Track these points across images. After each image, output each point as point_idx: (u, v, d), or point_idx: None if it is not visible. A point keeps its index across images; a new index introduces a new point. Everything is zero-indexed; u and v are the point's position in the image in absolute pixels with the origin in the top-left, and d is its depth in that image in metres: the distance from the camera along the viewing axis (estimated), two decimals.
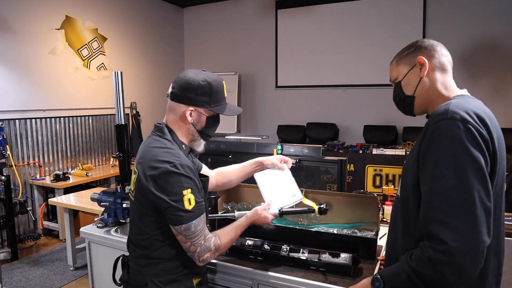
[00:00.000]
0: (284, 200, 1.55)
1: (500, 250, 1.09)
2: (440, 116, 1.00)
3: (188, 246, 1.25)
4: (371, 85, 5.44)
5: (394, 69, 1.23)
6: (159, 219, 1.27)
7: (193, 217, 1.22)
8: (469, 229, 0.91)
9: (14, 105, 4.16)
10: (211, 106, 1.32)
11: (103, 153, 5.31)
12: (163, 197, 1.20)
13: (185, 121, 1.32)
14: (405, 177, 1.12)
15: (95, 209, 3.01)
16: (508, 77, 4.79)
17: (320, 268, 1.49)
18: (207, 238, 1.27)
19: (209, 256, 1.28)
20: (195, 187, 1.24)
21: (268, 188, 1.60)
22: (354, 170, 4.66)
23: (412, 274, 0.98)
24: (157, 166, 1.21)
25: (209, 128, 1.38)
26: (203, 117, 1.34)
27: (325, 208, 1.49)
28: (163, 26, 6.48)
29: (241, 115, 6.53)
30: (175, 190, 1.20)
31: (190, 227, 1.22)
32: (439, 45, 1.17)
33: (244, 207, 1.91)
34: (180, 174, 1.21)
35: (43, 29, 4.44)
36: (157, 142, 1.30)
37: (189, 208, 1.21)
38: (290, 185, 1.59)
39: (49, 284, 3.27)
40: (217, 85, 1.33)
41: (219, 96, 1.34)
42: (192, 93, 1.29)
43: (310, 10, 5.82)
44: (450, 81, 1.16)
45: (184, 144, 1.36)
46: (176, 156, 1.25)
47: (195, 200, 1.22)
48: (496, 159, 0.99)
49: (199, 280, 1.40)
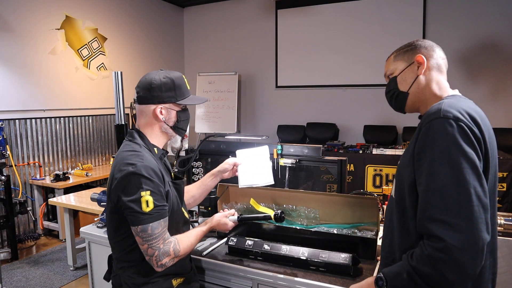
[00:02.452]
0: (255, 180, 1.67)
1: (495, 248, 1.10)
2: (433, 115, 1.01)
3: (145, 248, 1.23)
4: (371, 85, 5.44)
5: (391, 63, 1.24)
6: (127, 221, 1.27)
7: (151, 220, 1.21)
8: (467, 226, 0.92)
9: (14, 105, 4.16)
10: (178, 100, 1.36)
11: (103, 153, 5.31)
12: (122, 197, 1.22)
13: (158, 119, 1.36)
14: (399, 177, 1.13)
15: (95, 209, 3.01)
16: (508, 77, 4.79)
17: (320, 268, 1.49)
18: (166, 242, 1.25)
19: (168, 261, 1.25)
20: (156, 190, 1.24)
21: (245, 166, 1.73)
22: (354, 170, 4.66)
23: (413, 273, 0.98)
24: (122, 168, 1.24)
25: (181, 122, 1.40)
26: (173, 112, 1.37)
27: (280, 215, 1.52)
28: (163, 26, 6.48)
29: (241, 115, 6.54)
30: (133, 191, 1.21)
31: (146, 229, 1.21)
32: (438, 47, 1.19)
33: (244, 207, 1.91)
34: (140, 175, 1.22)
35: (43, 29, 4.44)
36: (127, 146, 1.33)
37: (146, 210, 1.20)
38: (265, 168, 1.71)
39: (49, 284, 3.27)
40: (179, 79, 1.38)
41: (183, 89, 1.38)
42: (157, 91, 1.33)
43: (310, 10, 5.82)
44: (445, 82, 1.18)
45: (156, 147, 1.38)
46: (140, 158, 1.26)
47: (154, 203, 1.22)
48: (488, 158, 1.00)
49: (181, 280, 1.39)
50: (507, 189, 3.94)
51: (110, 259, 1.48)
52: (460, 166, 0.94)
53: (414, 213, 1.05)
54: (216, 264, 1.60)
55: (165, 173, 1.36)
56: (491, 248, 1.07)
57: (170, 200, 1.32)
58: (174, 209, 1.35)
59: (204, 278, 1.65)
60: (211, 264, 1.62)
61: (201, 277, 1.64)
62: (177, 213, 1.38)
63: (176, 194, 1.39)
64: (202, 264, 1.63)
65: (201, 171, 2.52)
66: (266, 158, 1.75)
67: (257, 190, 1.88)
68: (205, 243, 1.79)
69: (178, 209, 1.38)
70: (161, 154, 1.41)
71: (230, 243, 1.65)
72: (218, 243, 1.79)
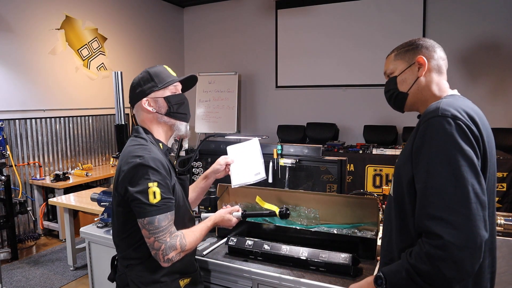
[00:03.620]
0: (248, 177, 1.65)
1: (494, 248, 1.10)
2: (431, 114, 1.02)
3: (152, 242, 1.22)
4: (371, 85, 5.44)
5: (391, 62, 1.23)
6: (134, 215, 1.26)
7: (158, 212, 1.20)
8: (465, 223, 0.92)
9: (14, 105, 4.16)
10: (159, 87, 1.37)
11: (103, 153, 5.31)
12: (130, 189, 1.21)
13: (149, 112, 1.37)
14: (398, 176, 1.13)
15: (95, 209, 3.01)
16: (508, 77, 4.79)
17: (320, 268, 1.49)
18: (173, 236, 1.24)
19: (175, 256, 1.23)
20: (163, 182, 1.23)
21: (236, 163, 1.70)
22: (354, 170, 4.65)
23: (411, 270, 0.98)
24: (130, 161, 1.24)
25: (174, 106, 1.39)
26: (160, 100, 1.37)
27: (285, 211, 1.52)
28: (163, 26, 6.48)
29: (241, 115, 6.54)
30: (141, 182, 1.20)
31: (153, 221, 1.20)
32: (439, 47, 1.19)
33: (244, 207, 1.91)
34: (148, 166, 1.21)
35: (43, 29, 4.44)
36: (133, 141, 1.34)
37: (153, 202, 1.19)
38: (257, 163, 1.69)
39: (49, 284, 3.27)
40: (156, 69, 1.39)
41: (162, 75, 1.39)
42: (138, 87, 1.37)
43: (310, 10, 5.82)
44: (444, 83, 1.18)
45: (161, 142, 1.39)
46: (147, 150, 1.26)
47: (161, 195, 1.21)
48: (487, 156, 1.01)
49: (189, 280, 1.38)
50: (507, 189, 3.93)
51: (114, 260, 1.48)
52: (458, 163, 0.95)
53: (412, 211, 1.05)
54: (216, 264, 1.60)
55: (171, 168, 1.36)
56: (490, 246, 1.07)
57: (176, 194, 1.32)
58: (180, 204, 1.35)
59: (205, 278, 1.65)
60: (211, 264, 1.62)
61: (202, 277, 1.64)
62: (183, 208, 1.38)
63: (181, 189, 1.39)
64: (202, 264, 1.63)
65: (201, 171, 2.52)
66: (258, 151, 1.73)
67: (257, 190, 1.88)
68: (205, 243, 1.79)
69: (184, 204, 1.38)
70: (166, 150, 1.41)
71: (230, 243, 1.65)
72: (218, 243, 1.79)
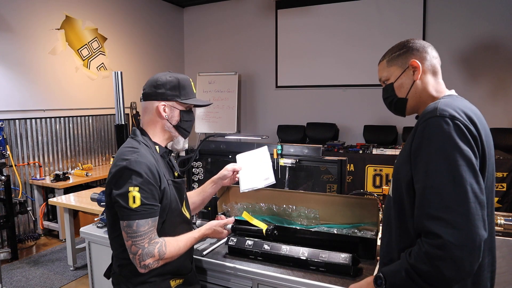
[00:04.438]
0: (257, 182, 1.68)
1: (493, 247, 1.10)
2: (429, 114, 1.02)
3: (129, 245, 1.21)
4: (371, 85, 5.44)
5: (384, 69, 1.23)
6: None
7: (136, 217, 1.19)
8: (464, 223, 0.92)
9: (14, 105, 4.16)
10: (182, 99, 1.36)
11: (103, 153, 5.31)
12: (113, 191, 1.22)
13: (160, 116, 1.36)
14: (396, 176, 1.13)
15: (95, 209, 3.01)
16: (508, 77, 4.79)
17: (320, 268, 1.49)
18: (152, 243, 1.22)
19: (152, 263, 1.22)
20: (145, 187, 1.21)
21: (245, 170, 1.74)
22: (354, 170, 4.65)
23: (411, 270, 0.98)
24: (117, 163, 1.24)
25: (184, 122, 1.40)
26: (176, 111, 1.37)
27: (272, 232, 1.52)
28: (163, 26, 6.48)
29: (241, 115, 6.54)
30: (122, 185, 1.21)
31: (131, 225, 1.19)
32: (429, 47, 1.18)
33: (244, 207, 1.91)
34: (131, 170, 1.21)
35: (43, 29, 4.44)
36: (127, 143, 1.33)
37: (132, 206, 1.19)
38: (266, 169, 1.72)
39: (49, 284, 3.27)
40: (185, 80, 1.39)
41: (188, 90, 1.38)
42: (161, 88, 1.34)
43: (310, 10, 5.82)
44: (441, 82, 1.18)
45: (158, 145, 1.37)
46: (136, 154, 1.25)
47: (141, 200, 1.19)
48: (485, 156, 1.01)
49: (181, 281, 1.38)
50: (507, 189, 3.93)
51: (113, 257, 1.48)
52: (456, 163, 0.95)
53: (412, 211, 1.05)
54: (216, 264, 1.60)
55: (166, 172, 1.35)
56: (490, 246, 1.08)
57: (167, 199, 1.31)
58: (172, 207, 1.33)
59: (204, 278, 1.65)
60: (211, 264, 1.62)
61: (201, 277, 1.64)
62: (175, 212, 1.36)
63: (175, 193, 1.36)
64: (202, 264, 1.63)
65: (201, 171, 2.52)
66: (267, 158, 1.76)
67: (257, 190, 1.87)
68: (205, 243, 1.79)
69: (176, 209, 1.36)
70: (164, 153, 1.40)
71: (230, 243, 1.65)
72: (218, 243, 1.79)
